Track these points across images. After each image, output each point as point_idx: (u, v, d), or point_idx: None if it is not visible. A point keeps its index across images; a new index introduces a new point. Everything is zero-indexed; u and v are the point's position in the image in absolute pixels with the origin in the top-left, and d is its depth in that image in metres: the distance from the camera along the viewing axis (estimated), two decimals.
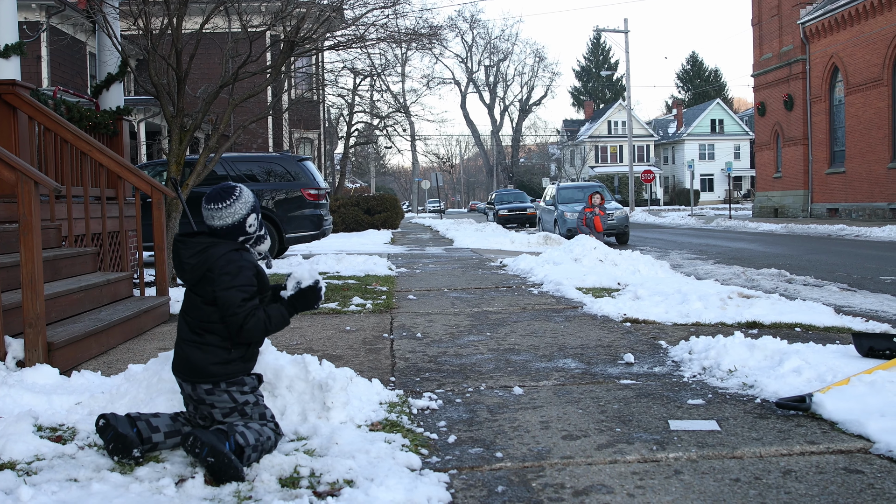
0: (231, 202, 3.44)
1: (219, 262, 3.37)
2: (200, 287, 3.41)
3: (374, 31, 11.79)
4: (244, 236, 3.50)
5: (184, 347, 3.44)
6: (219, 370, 3.40)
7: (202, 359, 3.39)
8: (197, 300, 3.43)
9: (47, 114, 7.22)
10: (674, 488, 3.03)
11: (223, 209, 3.43)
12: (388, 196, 30.38)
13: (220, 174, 14.12)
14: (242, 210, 3.46)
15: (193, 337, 3.42)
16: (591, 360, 5.34)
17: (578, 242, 12.12)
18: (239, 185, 3.54)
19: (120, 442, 3.28)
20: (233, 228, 3.46)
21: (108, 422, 3.32)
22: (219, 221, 3.44)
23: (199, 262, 3.39)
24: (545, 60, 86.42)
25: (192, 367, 3.40)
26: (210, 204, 3.45)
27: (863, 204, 30.72)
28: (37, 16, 21.62)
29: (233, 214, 3.44)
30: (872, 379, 4.05)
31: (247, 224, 3.49)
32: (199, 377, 3.40)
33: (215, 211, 3.44)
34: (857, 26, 30.86)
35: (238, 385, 3.44)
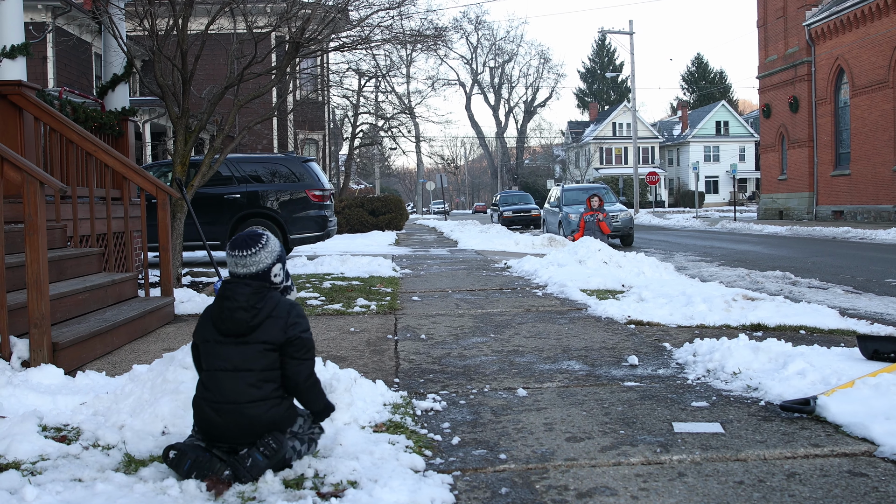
0: (257, 250, 3.27)
1: (283, 305, 3.23)
2: (259, 333, 3.20)
3: (380, 33, 11.80)
4: (270, 287, 3.32)
5: (244, 410, 3.16)
6: (291, 416, 3.29)
7: (273, 415, 3.20)
8: (257, 348, 3.19)
9: (53, 114, 7.24)
10: (677, 491, 3.03)
11: (248, 257, 3.26)
12: (393, 197, 30.40)
13: (224, 175, 14.15)
14: (268, 259, 3.30)
15: (255, 393, 3.17)
16: (595, 362, 5.34)
17: (583, 244, 12.11)
18: (266, 233, 3.37)
19: (203, 463, 3.09)
20: (256, 277, 3.29)
21: (183, 452, 3.11)
22: (243, 269, 3.27)
23: (263, 306, 3.21)
24: (550, 62, 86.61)
25: (262, 430, 3.17)
26: (234, 251, 3.28)
27: (868, 206, 30.64)
28: (43, 16, 21.69)
29: (257, 263, 3.27)
30: (877, 382, 4.05)
31: (272, 274, 3.31)
32: (281, 425, 3.23)
33: (239, 258, 3.26)
34: (862, 28, 30.79)
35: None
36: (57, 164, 7.50)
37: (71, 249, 6.90)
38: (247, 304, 3.20)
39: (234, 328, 3.21)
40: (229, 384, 3.18)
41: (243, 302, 3.20)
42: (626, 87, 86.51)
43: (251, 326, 3.19)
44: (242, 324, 3.19)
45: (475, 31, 68.54)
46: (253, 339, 3.20)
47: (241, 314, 3.19)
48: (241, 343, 3.21)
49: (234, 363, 3.20)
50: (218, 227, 13.91)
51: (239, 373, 3.19)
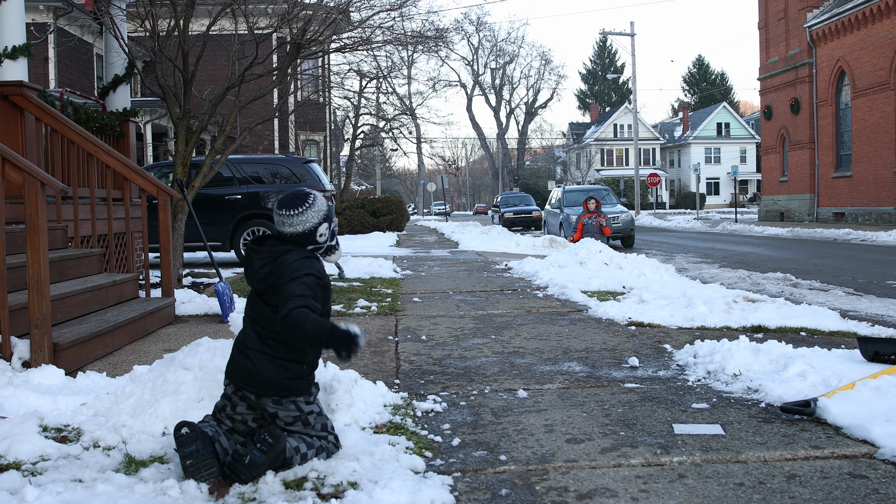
0: (304, 209, 3.32)
1: (290, 268, 3.26)
2: (270, 296, 3.29)
3: (381, 34, 11.79)
4: (314, 245, 3.39)
5: (252, 358, 3.28)
6: (292, 385, 3.30)
7: (275, 373, 3.26)
8: (266, 310, 3.30)
9: (54, 115, 7.24)
10: (678, 492, 3.03)
11: (294, 216, 3.31)
12: (394, 198, 30.41)
13: (226, 176, 14.16)
14: (315, 218, 3.34)
15: (264, 348, 3.28)
16: (596, 363, 5.34)
17: (584, 246, 12.11)
18: (313, 192, 3.40)
19: (204, 460, 3.11)
20: (303, 236, 3.35)
21: (195, 432, 3.12)
22: (289, 228, 3.32)
23: (270, 272, 3.29)
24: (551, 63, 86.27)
25: (264, 382, 3.26)
26: (282, 210, 3.33)
27: (869, 208, 30.63)
28: (44, 17, 21.71)
29: (304, 223, 3.33)
30: (877, 384, 4.05)
31: (318, 233, 3.37)
32: (270, 391, 3.28)
33: (286, 217, 3.32)
34: (863, 30, 30.78)
35: (305, 395, 3.37)
36: (58, 164, 7.50)
37: (72, 250, 6.91)
38: (261, 271, 3.32)
39: (252, 287, 3.41)
40: (247, 333, 3.37)
41: (258, 268, 3.33)
42: (627, 88, 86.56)
43: (259, 289, 3.34)
44: (255, 287, 3.37)
45: (476, 33, 68.50)
46: (264, 300, 3.32)
47: (253, 280, 3.36)
48: (258, 299, 3.36)
49: (252, 316, 3.39)
50: (219, 228, 13.92)
51: (255, 325, 3.35)
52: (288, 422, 3.33)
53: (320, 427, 3.38)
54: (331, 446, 3.36)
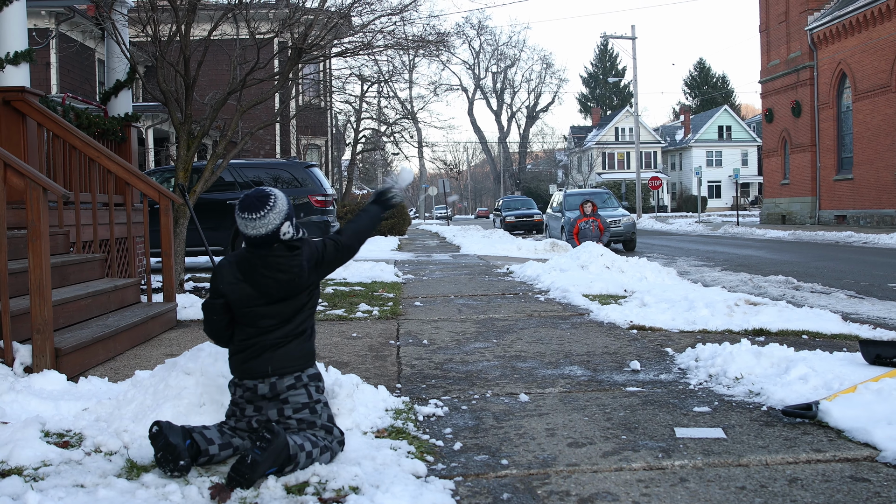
0: (265, 213, 3.37)
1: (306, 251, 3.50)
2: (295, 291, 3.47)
3: (382, 38, 11.82)
4: (278, 243, 3.45)
5: (276, 348, 3.43)
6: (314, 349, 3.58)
7: (302, 347, 3.49)
8: (292, 305, 3.46)
9: (56, 120, 7.26)
10: (679, 496, 3.02)
11: (257, 220, 3.36)
12: None
13: (227, 180, 14.17)
14: (276, 220, 3.39)
15: (292, 330, 3.47)
16: (598, 367, 5.34)
17: (585, 249, 12.11)
18: (273, 193, 3.45)
19: (168, 451, 3.20)
20: (267, 238, 3.40)
21: (161, 429, 3.23)
22: (253, 231, 3.38)
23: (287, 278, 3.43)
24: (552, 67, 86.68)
25: (293, 358, 3.45)
26: (244, 213, 3.38)
27: (871, 211, 30.61)
28: (46, 23, 21.75)
29: (266, 225, 3.37)
30: (879, 387, 4.04)
31: (281, 232, 3.42)
32: (299, 364, 3.46)
33: (249, 221, 3.37)
34: (864, 33, 30.80)
35: (317, 381, 3.50)
36: (60, 169, 7.52)
37: (74, 255, 6.91)
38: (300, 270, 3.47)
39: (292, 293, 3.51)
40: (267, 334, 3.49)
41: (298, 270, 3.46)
42: (629, 91, 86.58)
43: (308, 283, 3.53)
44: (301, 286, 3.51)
45: (478, 37, 68.72)
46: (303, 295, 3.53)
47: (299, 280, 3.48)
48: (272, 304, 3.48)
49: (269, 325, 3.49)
50: (221, 232, 13.92)
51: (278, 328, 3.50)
52: (296, 408, 3.40)
53: (326, 417, 3.46)
54: (335, 445, 3.39)
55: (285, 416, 3.41)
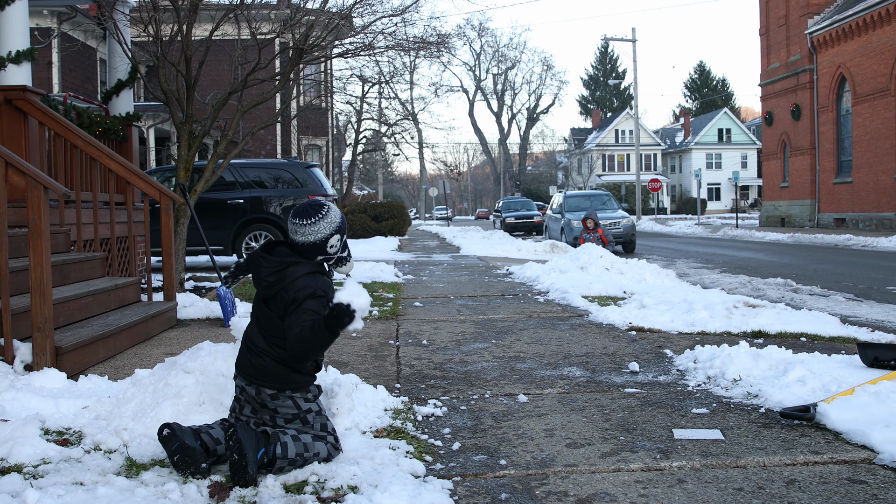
0: (317, 220, 3.38)
1: (295, 285, 3.31)
2: (274, 304, 3.37)
3: (383, 39, 11.84)
4: (323, 256, 3.45)
5: (257, 356, 3.39)
6: (295, 378, 3.39)
7: (278, 369, 3.36)
8: (271, 315, 3.38)
9: (57, 119, 7.27)
10: (677, 497, 3.03)
11: (307, 226, 3.37)
12: (396, 203, 30.44)
13: (228, 180, 14.19)
14: (327, 229, 3.39)
15: (268, 349, 3.38)
16: (596, 368, 5.35)
17: (585, 251, 12.12)
18: (328, 204, 3.46)
19: (188, 455, 3.19)
20: (314, 246, 3.40)
21: (174, 432, 3.22)
22: (301, 237, 3.38)
23: (276, 280, 3.35)
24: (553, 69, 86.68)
25: (268, 375, 3.36)
26: (296, 219, 3.39)
27: (870, 214, 30.61)
28: (48, 22, 21.76)
29: (316, 233, 3.38)
30: (877, 389, 4.05)
31: (328, 245, 3.42)
32: (273, 383, 3.36)
33: (299, 226, 3.37)
34: (864, 36, 30.81)
35: (302, 392, 3.42)
36: (61, 168, 7.53)
37: (74, 254, 6.92)
38: (267, 279, 3.38)
39: (258, 291, 3.46)
40: (253, 331, 3.46)
41: (265, 276, 3.39)
42: (629, 94, 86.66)
43: (264, 295, 3.42)
44: (261, 293, 3.44)
45: (478, 38, 68.67)
46: (268, 306, 3.41)
47: (259, 286, 3.43)
48: (262, 303, 3.43)
49: (258, 316, 3.45)
50: (221, 232, 13.95)
51: (259, 325, 3.43)
52: (287, 419, 3.39)
53: (319, 427, 3.41)
54: (325, 449, 3.37)
55: (277, 424, 3.40)
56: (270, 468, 3.22)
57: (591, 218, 15.95)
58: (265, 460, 3.21)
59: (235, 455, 3.13)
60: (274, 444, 3.23)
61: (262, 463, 3.20)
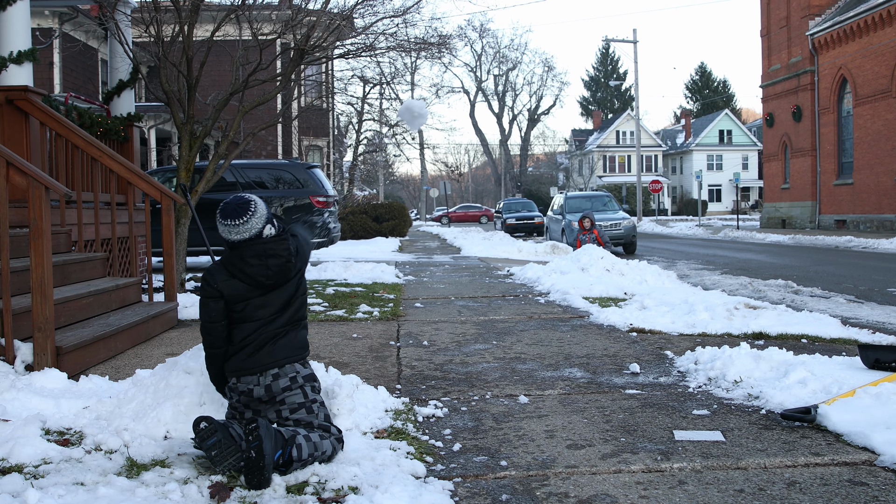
0: (248, 217, 3.46)
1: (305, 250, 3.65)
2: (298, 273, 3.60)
3: (384, 40, 11.84)
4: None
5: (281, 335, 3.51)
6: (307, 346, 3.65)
7: (300, 336, 3.59)
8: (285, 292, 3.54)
9: (59, 119, 7.27)
10: (678, 499, 3.03)
11: (240, 225, 3.45)
12: (397, 204, 30.44)
13: (229, 181, 14.19)
14: (258, 224, 3.48)
15: (291, 322, 3.56)
16: (597, 369, 5.35)
17: (586, 252, 12.11)
18: (252, 199, 3.52)
19: (228, 448, 3.24)
20: (251, 241, 3.50)
21: (214, 425, 3.26)
22: (237, 236, 3.46)
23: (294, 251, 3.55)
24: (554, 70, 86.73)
25: (297, 346, 3.55)
26: (227, 220, 3.46)
27: (871, 215, 30.61)
28: (49, 22, 21.78)
29: (250, 229, 3.47)
30: (878, 391, 4.05)
31: (263, 234, 3.51)
32: (303, 351, 3.57)
33: (233, 227, 3.45)
34: (865, 38, 30.82)
35: (312, 381, 3.55)
36: (62, 168, 7.53)
37: (75, 254, 6.93)
38: (289, 254, 3.50)
39: (283, 278, 3.52)
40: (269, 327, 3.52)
41: (287, 254, 3.50)
42: (630, 95, 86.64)
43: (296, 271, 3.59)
44: (291, 271, 3.54)
45: (479, 39, 68.58)
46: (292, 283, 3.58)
47: (289, 265, 3.52)
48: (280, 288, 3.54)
49: (278, 306, 3.53)
50: None
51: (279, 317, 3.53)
52: (293, 408, 3.45)
53: (323, 417, 3.50)
54: (334, 441, 3.40)
55: (283, 417, 3.46)
56: (285, 469, 3.22)
57: (588, 217, 15.91)
58: (280, 461, 3.21)
59: (253, 452, 3.10)
60: (291, 446, 3.23)
61: (277, 464, 3.20)
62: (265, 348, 3.49)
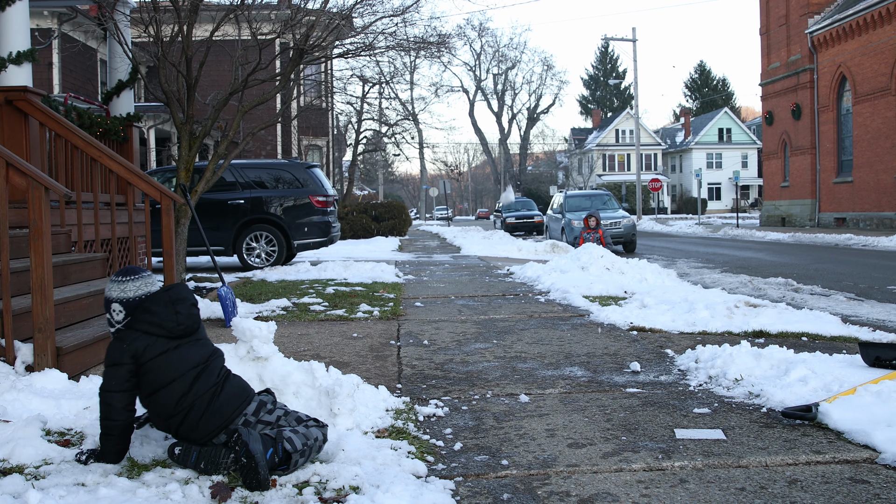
0: (137, 277, 3.49)
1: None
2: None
3: (383, 40, 11.85)
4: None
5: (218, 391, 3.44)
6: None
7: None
8: (202, 340, 3.54)
9: (58, 120, 7.27)
10: (679, 497, 3.03)
11: (130, 282, 3.48)
12: (396, 203, 30.45)
13: (228, 181, 14.19)
14: (146, 287, 3.50)
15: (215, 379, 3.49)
16: (598, 368, 5.35)
17: (585, 251, 12.11)
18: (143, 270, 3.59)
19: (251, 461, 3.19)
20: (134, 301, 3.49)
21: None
22: (132, 293, 3.46)
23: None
24: (553, 69, 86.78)
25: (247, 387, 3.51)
26: (121, 277, 3.48)
27: (870, 213, 30.61)
28: (49, 23, 21.77)
29: (136, 290, 3.47)
30: (879, 389, 4.05)
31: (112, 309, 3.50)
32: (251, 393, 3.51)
33: (127, 283, 3.46)
34: (864, 36, 30.81)
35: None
36: (62, 169, 7.53)
37: (75, 254, 6.92)
38: (194, 298, 3.51)
39: (193, 325, 3.46)
40: (221, 364, 3.49)
41: (193, 298, 3.50)
42: (629, 94, 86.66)
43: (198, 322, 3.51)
44: (197, 318, 3.48)
45: (479, 38, 68.67)
46: (200, 334, 3.52)
47: (195, 309, 3.49)
48: (195, 341, 3.48)
49: (197, 360, 3.42)
50: (222, 232, 13.95)
51: (207, 366, 3.43)
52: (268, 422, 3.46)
53: (294, 421, 3.44)
54: (318, 432, 3.38)
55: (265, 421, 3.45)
56: (286, 465, 3.22)
57: (593, 216, 15.98)
58: (276, 460, 3.20)
59: (244, 458, 3.11)
60: (281, 442, 3.23)
61: (274, 463, 3.20)
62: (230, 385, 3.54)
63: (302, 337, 6.63)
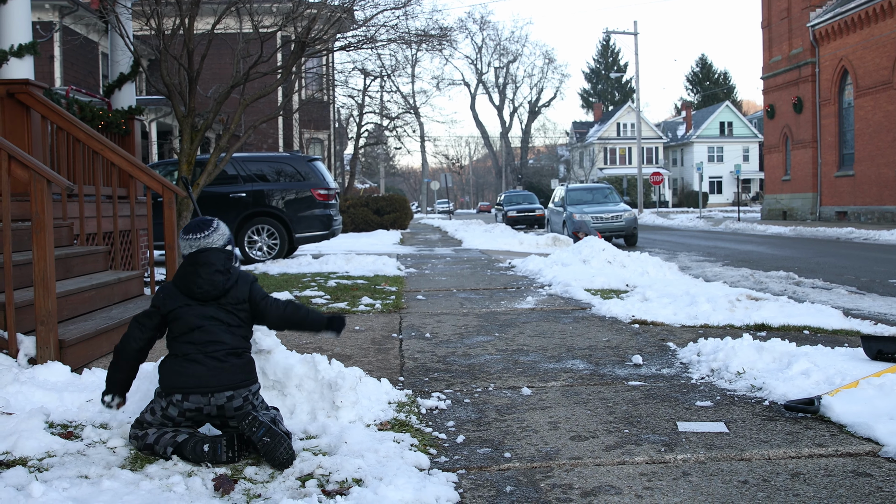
0: (210, 232, 3.60)
1: (242, 273, 3.64)
2: (234, 293, 3.55)
3: (385, 32, 11.84)
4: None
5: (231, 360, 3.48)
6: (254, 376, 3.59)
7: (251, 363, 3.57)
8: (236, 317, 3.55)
9: (60, 113, 7.26)
10: (682, 490, 3.04)
11: (201, 238, 3.58)
12: (398, 196, 30.44)
13: (230, 174, 14.18)
14: (220, 241, 3.62)
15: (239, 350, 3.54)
16: (600, 361, 5.35)
17: (587, 244, 12.11)
18: (215, 220, 3.69)
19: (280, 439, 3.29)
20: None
21: (255, 417, 3.32)
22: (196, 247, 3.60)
23: (233, 271, 3.60)
24: (554, 62, 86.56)
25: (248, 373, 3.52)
26: (189, 234, 3.60)
27: (872, 207, 30.59)
28: (50, 16, 21.74)
29: (210, 245, 3.59)
30: (881, 382, 4.05)
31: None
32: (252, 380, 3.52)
33: (193, 240, 3.58)
34: (866, 29, 30.74)
35: (257, 395, 3.55)
36: (64, 162, 7.53)
37: (77, 247, 6.93)
38: (223, 267, 3.54)
39: (211, 291, 3.50)
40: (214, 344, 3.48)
41: (220, 266, 3.53)
42: (631, 87, 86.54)
43: (226, 289, 3.52)
44: (219, 286, 3.51)
45: (480, 32, 68.56)
46: (226, 302, 3.53)
47: (219, 277, 3.51)
48: (215, 305, 3.52)
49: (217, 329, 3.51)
50: None
51: (225, 335, 3.50)
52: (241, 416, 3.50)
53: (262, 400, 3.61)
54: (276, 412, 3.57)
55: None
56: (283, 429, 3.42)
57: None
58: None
59: (267, 438, 3.22)
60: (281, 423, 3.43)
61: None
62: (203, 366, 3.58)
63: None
